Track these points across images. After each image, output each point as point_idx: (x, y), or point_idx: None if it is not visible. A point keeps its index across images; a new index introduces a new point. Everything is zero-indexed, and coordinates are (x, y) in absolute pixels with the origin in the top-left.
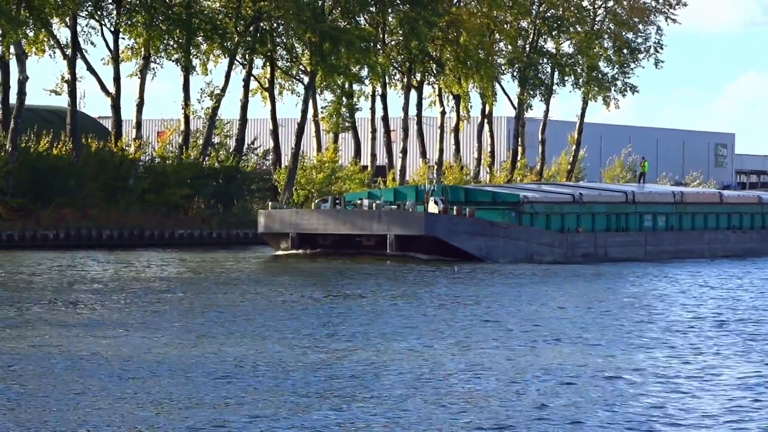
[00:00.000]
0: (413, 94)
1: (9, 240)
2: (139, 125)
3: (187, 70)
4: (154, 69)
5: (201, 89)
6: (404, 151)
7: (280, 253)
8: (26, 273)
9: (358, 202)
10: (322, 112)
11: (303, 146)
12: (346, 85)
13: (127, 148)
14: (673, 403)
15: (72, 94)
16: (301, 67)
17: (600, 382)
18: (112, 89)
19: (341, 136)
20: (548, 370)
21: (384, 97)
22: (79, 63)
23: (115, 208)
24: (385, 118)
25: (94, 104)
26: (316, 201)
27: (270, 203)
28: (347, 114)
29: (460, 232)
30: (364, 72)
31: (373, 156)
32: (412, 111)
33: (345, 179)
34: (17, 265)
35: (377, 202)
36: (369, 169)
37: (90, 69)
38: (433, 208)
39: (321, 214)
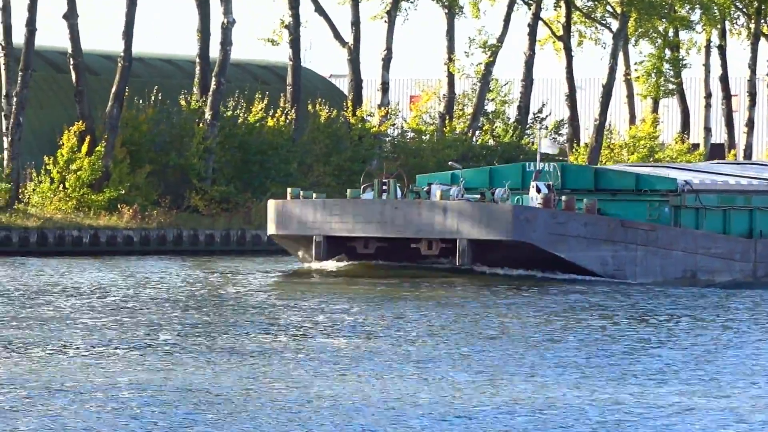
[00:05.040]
0: (763, 44)
1: (209, 242)
2: (385, 87)
3: (452, 11)
4: (406, 10)
5: (470, 38)
6: (750, 124)
7: (303, 265)
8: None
9: (425, 189)
10: (636, 69)
11: (610, 116)
12: (670, 33)
13: (369, 118)
14: None
15: (295, 44)
16: (608, 8)
17: None
18: (348, 38)
19: (663, 102)
20: None
21: (722, 49)
22: (305, 2)
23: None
24: (724, 79)
25: (325, 58)
26: (362, 186)
27: (290, 190)
28: (671, 72)
29: (569, 237)
30: (695, 15)
31: (707, 130)
32: (762, 68)
33: (667, 161)
34: (231, 274)
35: (455, 188)
36: (701, 147)
37: (319, 10)
38: (534, 197)
39: (360, 207)
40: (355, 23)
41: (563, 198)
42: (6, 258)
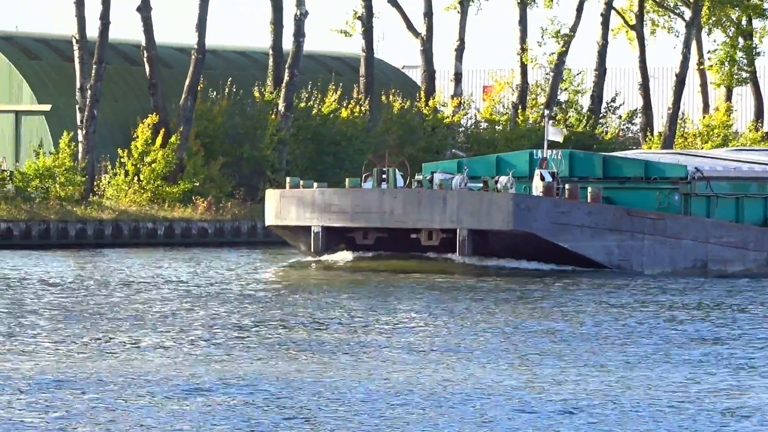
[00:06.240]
0: None
1: None
2: (458, 77)
3: (524, 0)
4: (478, 1)
5: (542, 28)
6: None
7: (304, 257)
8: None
9: (428, 177)
10: (709, 58)
11: (683, 105)
12: (743, 22)
13: (442, 108)
14: None
15: (367, 34)
16: None
17: None
18: (421, 28)
19: (736, 91)
20: None
21: None
22: None
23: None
24: None
25: (397, 49)
26: (363, 175)
27: (289, 179)
28: (744, 61)
29: (572, 226)
30: None
31: None
32: None
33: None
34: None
35: (458, 177)
36: None
37: (392, 1)
38: (537, 186)
39: (360, 196)
40: (428, 14)
41: (566, 186)
42: (82, 250)
